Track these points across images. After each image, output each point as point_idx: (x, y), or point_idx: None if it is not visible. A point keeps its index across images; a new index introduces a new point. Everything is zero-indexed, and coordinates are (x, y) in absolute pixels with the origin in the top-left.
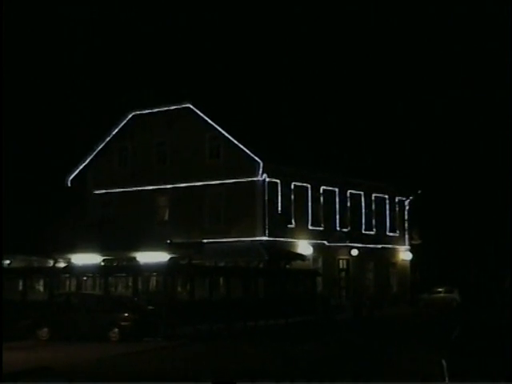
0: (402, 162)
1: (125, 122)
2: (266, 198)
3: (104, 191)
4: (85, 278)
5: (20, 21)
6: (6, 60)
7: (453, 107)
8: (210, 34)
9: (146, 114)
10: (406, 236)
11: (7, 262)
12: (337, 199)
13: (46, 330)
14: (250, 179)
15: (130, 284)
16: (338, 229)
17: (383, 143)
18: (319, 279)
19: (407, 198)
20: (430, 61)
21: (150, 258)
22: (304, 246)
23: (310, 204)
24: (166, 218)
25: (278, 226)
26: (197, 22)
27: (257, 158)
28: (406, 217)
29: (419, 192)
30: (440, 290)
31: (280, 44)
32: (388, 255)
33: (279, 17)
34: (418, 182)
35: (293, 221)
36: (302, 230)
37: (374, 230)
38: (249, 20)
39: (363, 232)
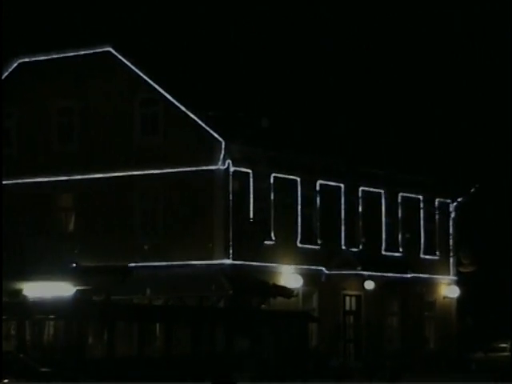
0: (446, 143)
1: (7, 74)
2: (231, 198)
3: None
4: None
5: None
6: None
7: None
8: None
9: (42, 62)
10: (451, 260)
11: None
12: (342, 200)
13: None
14: (205, 168)
15: (13, 332)
16: (343, 248)
17: (415, 116)
18: (313, 326)
19: (454, 201)
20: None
21: (46, 291)
22: (290, 275)
23: (299, 208)
24: (72, 227)
25: (249, 241)
26: None
27: (216, 135)
28: (452, 229)
29: (473, 190)
30: (504, 345)
31: None
32: (422, 290)
33: None
34: (470, 175)
35: (272, 234)
36: (286, 250)
37: (401, 249)
38: None
39: (383, 253)
